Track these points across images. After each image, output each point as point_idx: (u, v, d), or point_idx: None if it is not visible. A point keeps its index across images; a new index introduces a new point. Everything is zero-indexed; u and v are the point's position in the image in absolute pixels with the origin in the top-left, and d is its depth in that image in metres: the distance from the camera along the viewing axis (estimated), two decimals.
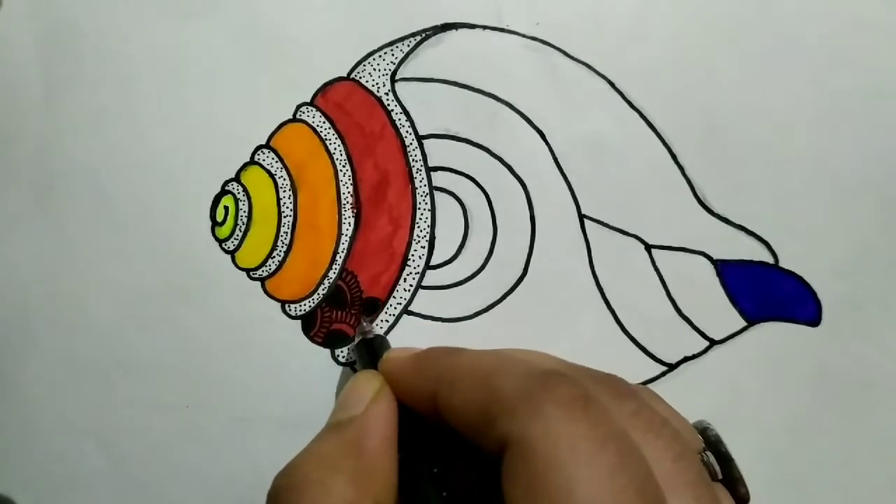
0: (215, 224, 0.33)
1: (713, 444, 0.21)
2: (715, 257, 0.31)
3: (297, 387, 0.33)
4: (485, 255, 0.32)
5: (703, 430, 0.22)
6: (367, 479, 0.19)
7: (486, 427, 0.18)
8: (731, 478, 0.21)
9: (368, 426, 0.21)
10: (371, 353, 0.27)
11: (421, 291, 0.32)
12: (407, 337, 0.32)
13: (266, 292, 0.33)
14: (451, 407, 0.19)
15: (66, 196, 0.34)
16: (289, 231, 0.33)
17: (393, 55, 0.32)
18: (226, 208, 0.33)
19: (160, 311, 0.34)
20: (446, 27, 0.32)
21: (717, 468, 0.20)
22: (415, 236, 0.32)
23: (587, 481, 0.16)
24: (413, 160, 0.32)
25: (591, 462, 0.16)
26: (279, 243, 0.33)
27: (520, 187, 0.32)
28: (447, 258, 0.32)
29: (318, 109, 0.33)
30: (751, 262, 0.31)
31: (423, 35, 0.32)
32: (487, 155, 0.32)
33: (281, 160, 0.33)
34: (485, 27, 0.32)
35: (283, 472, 0.20)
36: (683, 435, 0.19)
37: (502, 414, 0.18)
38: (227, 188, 0.33)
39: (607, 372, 0.21)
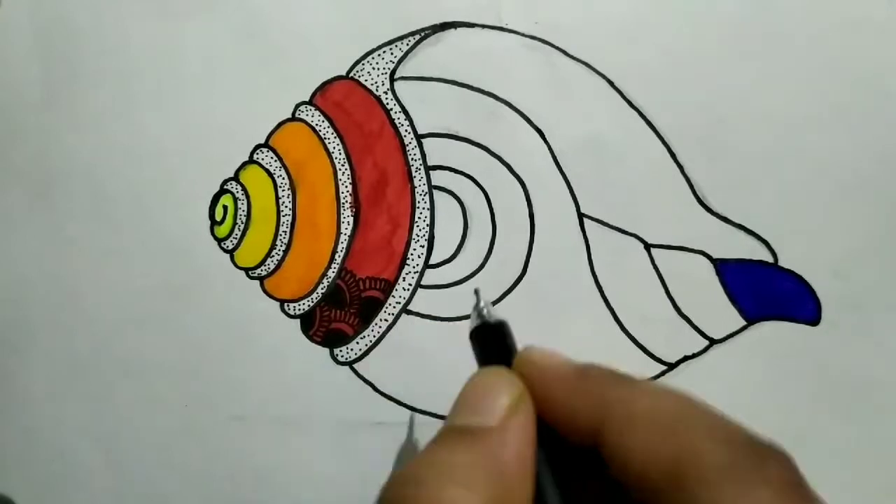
0: (214, 223, 0.33)
1: None
2: (714, 256, 0.31)
3: (296, 386, 0.33)
4: (484, 254, 0.32)
5: None
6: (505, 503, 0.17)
7: (669, 490, 0.16)
8: None
9: (506, 443, 0.17)
10: (498, 342, 0.22)
11: (420, 290, 0.32)
12: (407, 336, 0.32)
13: (265, 291, 0.33)
14: (625, 452, 0.16)
15: (66, 195, 0.34)
16: (288, 230, 0.33)
17: (392, 54, 0.32)
18: (225, 207, 0.33)
19: (159, 310, 0.34)
20: (445, 26, 0.32)
21: None
22: (414, 235, 0.32)
23: None
24: (412, 159, 0.32)
25: None
26: (278, 242, 0.33)
27: (519, 186, 0.32)
28: (446, 257, 0.32)
29: (317, 108, 0.33)
30: (750, 261, 0.31)
31: (423, 34, 0.32)
32: (486, 154, 0.32)
33: (280, 159, 0.33)
34: (484, 26, 0.32)
35: (405, 480, 0.17)
36: None
37: (698, 483, 0.15)
38: (226, 187, 0.33)
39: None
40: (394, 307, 0.32)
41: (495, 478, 0.17)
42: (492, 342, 0.22)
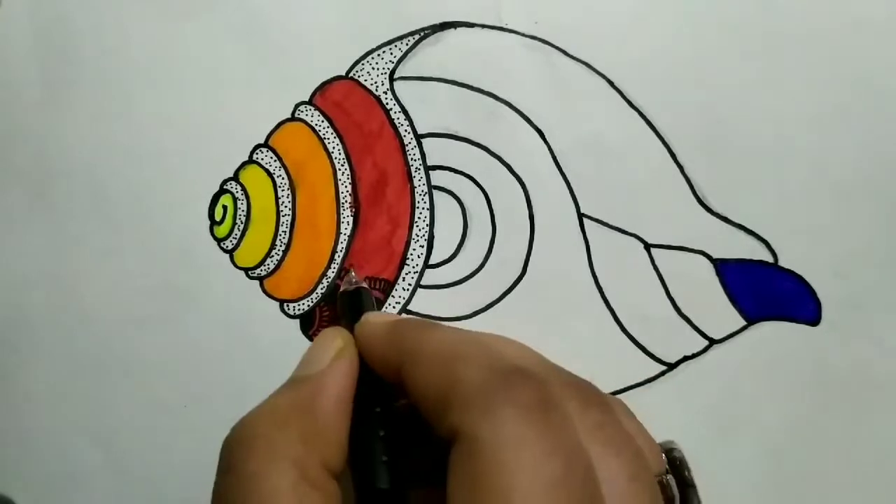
0: (214, 223, 0.33)
1: (676, 466, 0.20)
2: (714, 256, 0.31)
3: None
4: (484, 255, 0.32)
5: (668, 451, 0.21)
6: (316, 437, 0.19)
7: (441, 413, 0.18)
8: (687, 501, 0.20)
9: (324, 385, 0.20)
10: (353, 306, 0.27)
11: (420, 291, 0.32)
12: None
13: (265, 291, 0.33)
14: (412, 384, 0.19)
15: (66, 195, 0.34)
16: (287, 230, 0.33)
17: (392, 54, 0.32)
18: (224, 207, 0.33)
19: (159, 310, 0.34)
20: (445, 26, 0.32)
21: (676, 492, 0.20)
22: (413, 235, 0.32)
23: (525, 489, 0.15)
24: (412, 159, 0.32)
25: (534, 472, 0.16)
26: (278, 242, 0.33)
27: (519, 186, 0.32)
28: (446, 257, 0.32)
29: (317, 108, 0.33)
30: (750, 261, 0.31)
31: (422, 34, 0.32)
32: (486, 154, 0.32)
33: (279, 159, 0.33)
34: (484, 26, 0.32)
35: (237, 425, 0.20)
36: (645, 454, 0.18)
37: (458, 404, 0.17)
38: (225, 187, 0.33)
39: (582, 378, 0.20)
40: (393, 307, 0.32)
41: (307, 414, 0.19)
42: (347, 306, 0.27)
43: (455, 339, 0.20)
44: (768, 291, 0.31)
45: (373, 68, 0.33)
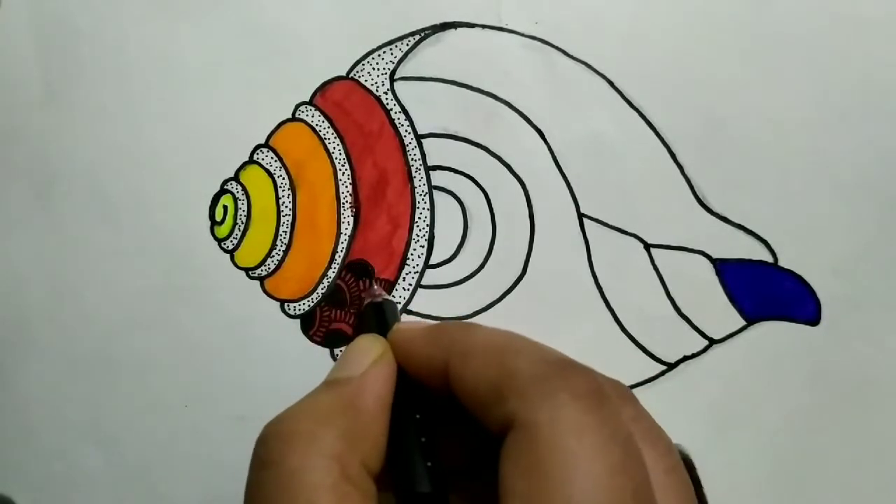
0: (214, 223, 0.33)
1: (687, 466, 0.21)
2: (714, 256, 0.31)
3: (296, 386, 0.32)
4: (484, 255, 0.32)
5: (680, 453, 0.21)
6: (357, 438, 0.19)
7: (495, 404, 0.18)
8: (700, 500, 0.21)
9: (365, 387, 0.20)
10: (379, 317, 0.27)
11: (420, 291, 0.32)
12: None
13: (265, 291, 0.33)
14: (463, 380, 0.19)
15: (66, 195, 0.34)
16: (288, 230, 0.33)
17: (392, 54, 0.32)
18: (225, 207, 0.33)
19: (159, 310, 0.34)
20: (445, 26, 0.32)
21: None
22: (414, 235, 0.32)
23: (587, 474, 0.16)
24: (412, 159, 0.32)
25: (595, 455, 0.16)
26: (278, 242, 0.33)
27: (519, 186, 0.32)
28: (446, 257, 0.32)
29: (317, 109, 0.33)
30: (750, 261, 0.31)
31: (423, 34, 0.32)
32: (486, 154, 0.32)
33: (280, 159, 0.33)
34: (484, 26, 0.32)
35: (274, 421, 0.20)
36: (674, 449, 0.19)
37: (514, 394, 0.17)
38: (226, 187, 0.33)
39: (611, 377, 0.21)
40: None
41: (349, 414, 0.20)
42: (373, 317, 0.27)
43: (503, 335, 0.20)
44: (768, 291, 0.31)
45: (373, 68, 0.33)
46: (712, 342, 0.31)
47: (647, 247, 0.31)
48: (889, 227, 0.30)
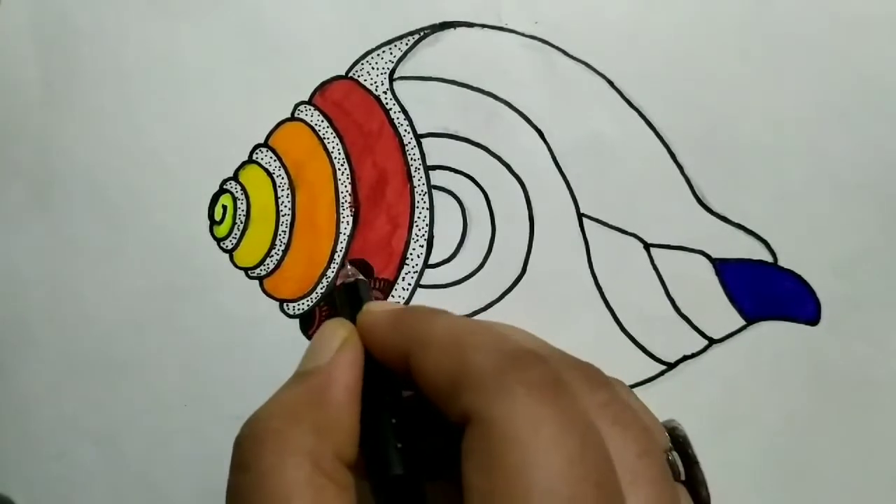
0: (213, 223, 0.33)
1: (680, 444, 0.21)
2: (714, 256, 0.31)
3: None
4: (483, 254, 0.32)
5: (672, 430, 0.21)
6: (328, 429, 0.19)
7: (452, 398, 0.18)
8: (694, 480, 0.20)
9: (332, 376, 0.20)
10: (351, 298, 0.26)
11: (419, 290, 0.32)
12: None
13: (264, 291, 0.33)
14: (422, 371, 0.19)
15: (65, 195, 0.34)
16: (287, 230, 0.33)
17: (391, 54, 0.32)
18: (224, 207, 0.33)
19: (158, 310, 0.34)
20: (445, 26, 0.32)
21: (682, 468, 0.20)
22: (413, 235, 0.32)
23: (545, 466, 0.16)
24: (411, 159, 0.32)
25: (551, 447, 0.16)
26: (277, 242, 0.33)
27: (518, 186, 0.32)
28: (446, 257, 0.32)
29: (317, 108, 0.33)
30: (750, 260, 0.31)
31: (422, 34, 0.32)
32: (486, 154, 0.32)
33: (279, 159, 0.33)
34: (483, 26, 0.32)
35: (248, 421, 0.20)
36: (651, 431, 0.19)
37: (469, 388, 0.17)
38: (225, 187, 0.33)
39: (585, 361, 0.21)
40: None
41: (318, 407, 0.20)
42: (345, 299, 0.27)
43: (462, 324, 0.20)
44: (768, 291, 0.31)
45: (372, 68, 0.33)
46: (712, 342, 0.31)
47: (647, 246, 0.31)
48: (889, 227, 0.30)
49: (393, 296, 0.32)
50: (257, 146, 0.33)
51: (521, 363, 0.18)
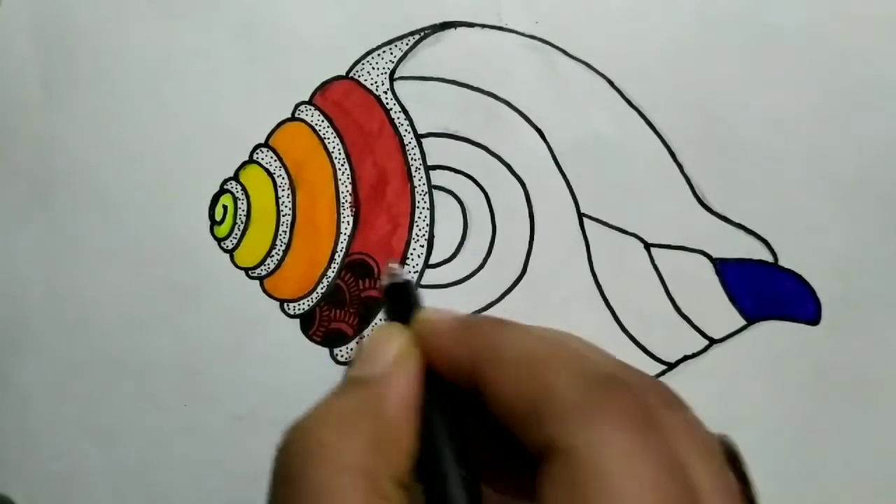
0: (214, 223, 0.33)
1: (732, 460, 0.20)
2: (714, 256, 0.31)
3: (296, 385, 0.33)
4: (484, 254, 0.32)
5: (725, 446, 0.21)
6: (385, 447, 0.18)
7: (532, 424, 0.17)
8: (748, 498, 0.20)
9: (391, 387, 0.19)
10: (401, 300, 0.24)
11: (420, 290, 0.32)
12: None
13: (265, 291, 0.33)
14: (495, 392, 0.18)
15: (65, 195, 0.34)
16: (287, 230, 0.33)
17: (392, 54, 0.32)
18: (224, 207, 0.33)
19: (159, 310, 0.34)
20: (445, 26, 0.32)
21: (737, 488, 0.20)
22: (413, 235, 0.32)
23: (633, 494, 0.15)
24: (412, 159, 0.32)
25: (641, 482, 0.15)
26: (278, 242, 0.33)
27: (518, 186, 0.32)
28: (446, 257, 0.32)
29: (317, 108, 0.33)
30: (750, 260, 0.31)
31: (422, 34, 0.32)
32: (486, 153, 0.32)
33: (280, 159, 0.33)
34: (484, 26, 0.32)
35: (294, 428, 0.18)
36: (718, 451, 0.18)
37: (553, 416, 0.16)
38: (225, 187, 0.33)
39: (655, 379, 0.20)
40: None
41: (375, 420, 0.18)
42: (394, 300, 0.24)
43: (536, 340, 0.19)
44: (768, 291, 0.31)
45: (373, 68, 0.33)
46: (712, 342, 0.31)
47: (647, 246, 0.31)
48: (889, 227, 0.30)
49: None
50: (258, 146, 0.33)
51: (607, 390, 0.17)
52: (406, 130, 0.32)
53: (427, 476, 0.18)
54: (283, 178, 0.33)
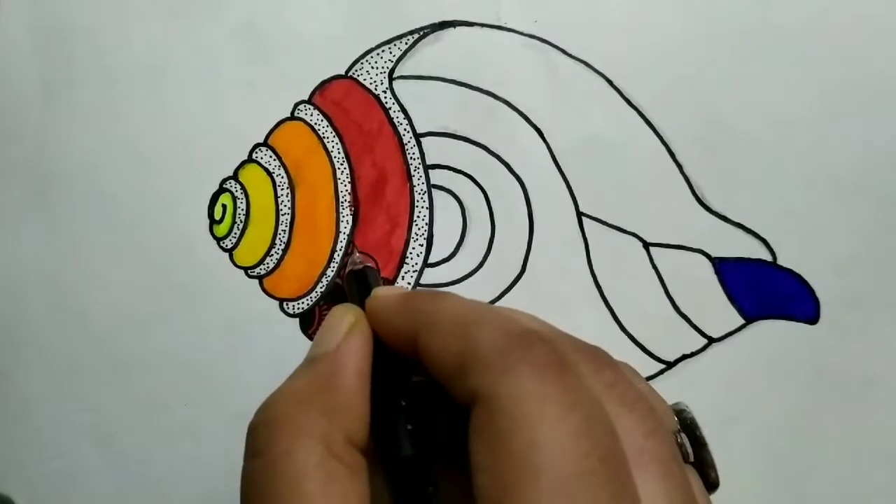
0: (213, 222, 0.33)
1: (688, 426, 0.21)
2: (713, 255, 0.31)
3: None
4: (483, 253, 0.32)
5: (680, 412, 0.21)
6: (339, 412, 0.19)
7: (459, 378, 0.18)
8: (702, 461, 0.20)
9: (341, 361, 0.20)
10: (360, 285, 0.27)
11: (419, 290, 0.32)
12: None
13: (264, 290, 0.33)
14: (429, 352, 0.19)
15: (65, 194, 0.34)
16: (287, 229, 0.33)
17: (391, 53, 0.32)
18: (224, 206, 0.33)
19: (158, 309, 0.34)
20: (444, 25, 0.32)
21: (690, 450, 0.20)
22: (413, 234, 0.32)
23: (550, 442, 0.16)
24: (411, 158, 0.32)
25: (557, 424, 0.16)
26: (277, 241, 0.33)
27: (518, 185, 0.32)
28: (445, 256, 0.32)
29: (316, 107, 0.33)
30: (749, 259, 0.31)
31: (422, 33, 0.32)
32: (485, 153, 0.32)
33: (279, 158, 0.33)
34: (483, 25, 0.32)
35: (260, 409, 0.20)
36: (659, 413, 0.19)
37: (476, 368, 0.18)
38: (224, 186, 0.33)
39: (591, 343, 0.21)
40: None
41: (327, 391, 0.20)
42: (354, 285, 0.27)
43: (467, 306, 0.20)
44: (767, 290, 0.31)
45: (372, 67, 0.33)
46: (711, 341, 0.31)
47: (647, 245, 0.31)
48: (889, 227, 0.30)
49: None
50: (257, 145, 0.33)
51: (527, 343, 0.18)
52: (405, 130, 0.32)
53: (379, 434, 0.20)
54: (282, 178, 0.33)
